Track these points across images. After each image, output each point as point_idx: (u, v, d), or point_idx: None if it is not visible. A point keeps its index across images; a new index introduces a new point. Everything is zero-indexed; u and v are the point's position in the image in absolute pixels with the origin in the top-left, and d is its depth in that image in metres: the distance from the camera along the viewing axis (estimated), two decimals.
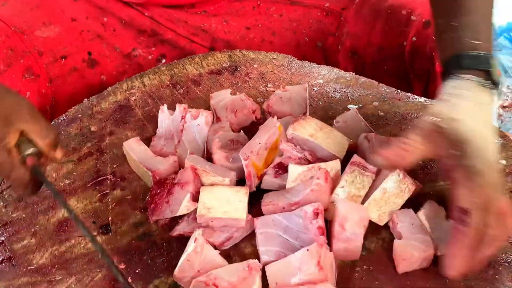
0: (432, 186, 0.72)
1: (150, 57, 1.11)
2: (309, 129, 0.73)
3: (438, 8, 0.76)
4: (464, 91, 0.64)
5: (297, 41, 1.07)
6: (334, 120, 0.81)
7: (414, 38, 1.00)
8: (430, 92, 1.01)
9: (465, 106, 0.63)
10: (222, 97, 0.87)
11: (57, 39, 1.02)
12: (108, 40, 1.08)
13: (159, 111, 0.85)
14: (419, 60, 1.01)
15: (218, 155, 0.74)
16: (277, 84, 0.94)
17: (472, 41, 0.68)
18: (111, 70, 1.09)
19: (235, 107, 0.85)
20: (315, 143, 0.72)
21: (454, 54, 0.68)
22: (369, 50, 1.08)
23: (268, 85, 0.94)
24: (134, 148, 0.79)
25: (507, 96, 1.77)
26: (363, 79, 0.93)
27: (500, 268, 0.61)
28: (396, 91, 0.89)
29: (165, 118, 0.83)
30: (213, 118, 0.84)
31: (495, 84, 0.66)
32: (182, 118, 0.82)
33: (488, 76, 0.66)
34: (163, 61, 1.11)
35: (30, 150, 0.67)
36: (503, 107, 1.72)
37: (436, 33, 0.76)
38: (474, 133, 0.60)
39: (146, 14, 1.09)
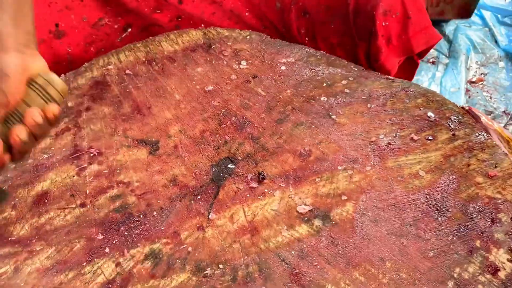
0: None
1: (116, 26, 1.14)
2: None
3: None
4: None
5: (258, 3, 1.10)
6: None
7: None
8: (371, 53, 1.04)
9: None
10: None
11: None
12: (76, 10, 1.11)
13: None
14: (361, 19, 1.04)
15: None
16: (250, 62, 0.97)
17: None
18: (78, 40, 1.11)
19: None
20: None
21: None
22: (318, 9, 1.10)
23: (242, 63, 0.97)
24: None
25: (475, 71, 1.82)
26: (333, 57, 0.96)
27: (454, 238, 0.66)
28: (363, 70, 0.93)
29: None
30: None
31: None
32: None
33: None
34: (129, 30, 1.14)
35: None
36: (471, 82, 1.78)
37: None
38: None
39: None
